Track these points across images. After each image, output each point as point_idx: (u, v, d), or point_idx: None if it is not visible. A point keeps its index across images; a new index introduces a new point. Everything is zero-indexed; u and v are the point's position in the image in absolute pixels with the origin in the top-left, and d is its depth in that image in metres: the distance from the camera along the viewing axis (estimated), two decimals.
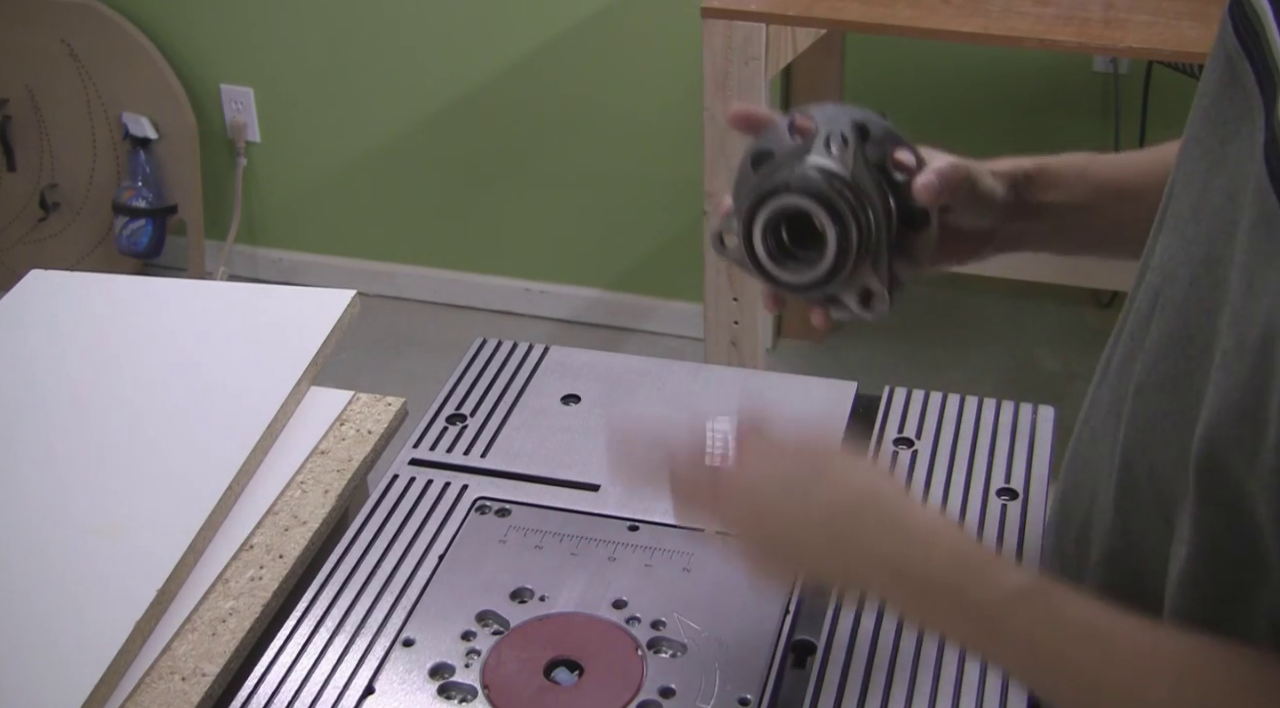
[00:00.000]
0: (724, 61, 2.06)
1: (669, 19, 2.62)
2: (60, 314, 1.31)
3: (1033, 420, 1.12)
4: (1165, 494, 0.69)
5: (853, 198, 0.80)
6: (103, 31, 2.89)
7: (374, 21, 2.81)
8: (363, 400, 1.22)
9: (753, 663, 0.90)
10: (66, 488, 1.10)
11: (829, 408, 1.13)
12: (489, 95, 2.82)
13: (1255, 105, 0.64)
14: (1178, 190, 0.73)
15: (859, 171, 0.80)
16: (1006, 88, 2.81)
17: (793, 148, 0.83)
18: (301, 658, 0.93)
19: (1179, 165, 0.74)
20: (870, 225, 0.80)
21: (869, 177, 0.81)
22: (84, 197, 3.04)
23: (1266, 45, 0.63)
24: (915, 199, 0.83)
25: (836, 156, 0.80)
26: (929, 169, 0.83)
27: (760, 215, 0.81)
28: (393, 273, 3.06)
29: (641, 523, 1.02)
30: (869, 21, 2.01)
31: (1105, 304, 2.86)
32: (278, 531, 1.08)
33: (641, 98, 2.75)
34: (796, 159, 0.81)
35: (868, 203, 0.80)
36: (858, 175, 0.80)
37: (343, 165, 2.99)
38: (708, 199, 2.19)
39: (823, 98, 2.72)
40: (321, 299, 1.30)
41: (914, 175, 0.84)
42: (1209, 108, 0.70)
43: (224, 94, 2.98)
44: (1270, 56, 0.63)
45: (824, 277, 0.81)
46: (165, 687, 0.95)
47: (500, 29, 2.75)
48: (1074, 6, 2.00)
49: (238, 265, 3.12)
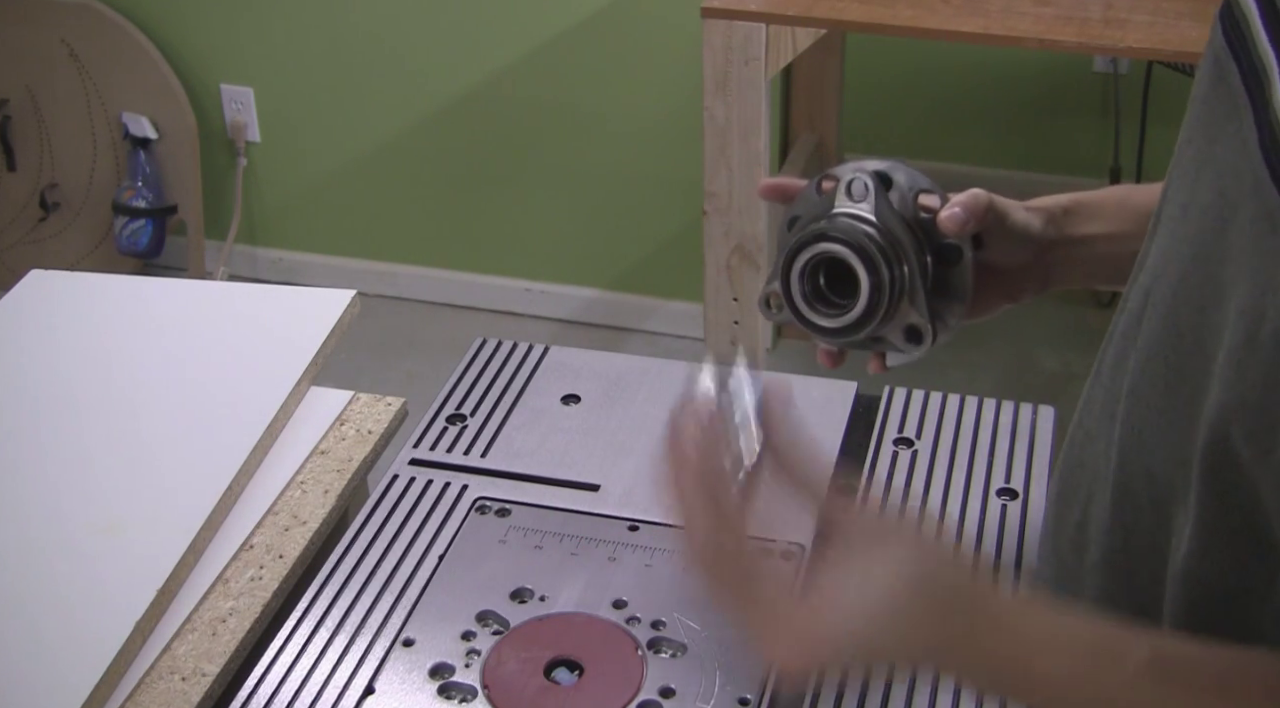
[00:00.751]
0: (724, 61, 2.06)
1: (669, 19, 2.62)
2: (60, 314, 1.31)
3: (1033, 420, 1.12)
4: (1162, 493, 0.69)
5: (879, 237, 0.83)
6: (103, 31, 2.89)
7: (374, 22, 2.81)
8: (363, 400, 1.22)
9: (753, 663, 0.90)
10: (66, 488, 1.10)
11: (829, 408, 1.14)
12: (489, 95, 2.82)
13: (1242, 104, 0.64)
14: (1170, 191, 0.73)
15: (883, 213, 0.83)
16: (1006, 88, 2.81)
17: (819, 203, 0.86)
18: (301, 658, 0.93)
19: (1173, 166, 0.74)
20: (901, 263, 0.83)
21: (894, 217, 0.84)
22: (84, 197, 3.04)
23: (1252, 44, 0.64)
24: (943, 234, 0.85)
25: (859, 202, 0.84)
26: (951, 202, 0.85)
27: (794, 269, 0.84)
28: (393, 273, 3.06)
29: (641, 523, 1.02)
30: (869, 21, 2.01)
31: (1105, 304, 2.86)
32: (278, 530, 1.08)
33: (641, 98, 2.75)
34: (823, 212, 0.85)
35: (894, 242, 0.83)
36: (882, 216, 0.83)
37: (343, 165, 2.99)
38: (708, 199, 2.19)
39: (823, 98, 2.72)
40: (321, 299, 1.30)
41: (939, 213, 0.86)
42: (1199, 109, 0.70)
43: (224, 94, 2.97)
44: (1256, 54, 0.63)
45: (862, 316, 0.83)
46: (165, 687, 0.95)
47: (500, 29, 2.75)
48: (1074, 6, 2.00)
49: (238, 265, 3.12)
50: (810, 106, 2.72)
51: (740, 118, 2.10)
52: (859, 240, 0.82)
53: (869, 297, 0.83)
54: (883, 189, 0.84)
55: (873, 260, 0.82)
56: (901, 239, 0.84)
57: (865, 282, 0.82)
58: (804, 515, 0.68)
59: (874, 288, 0.82)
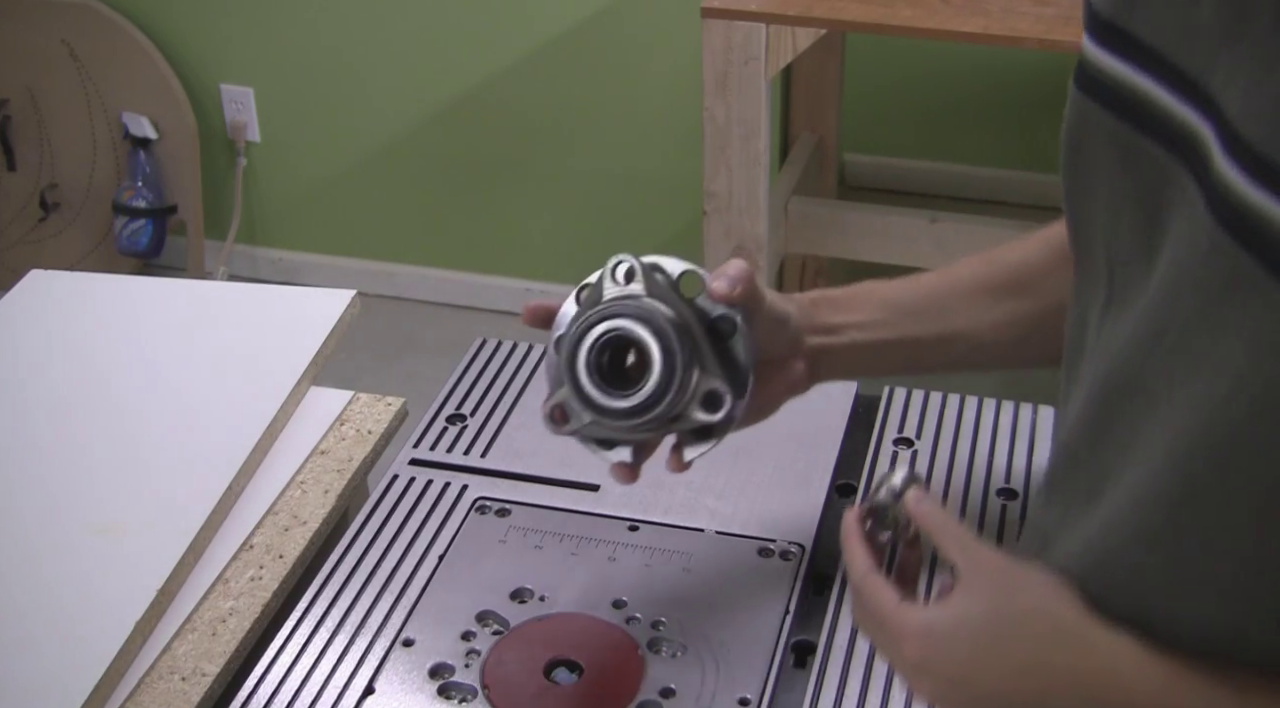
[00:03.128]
0: (724, 61, 2.06)
1: (669, 19, 2.62)
2: (60, 314, 1.31)
3: (1033, 420, 1.12)
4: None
5: (660, 308, 0.82)
6: (103, 31, 2.89)
7: (374, 22, 2.81)
8: (363, 400, 1.22)
9: (753, 663, 0.90)
10: (66, 488, 1.10)
11: (829, 408, 1.14)
12: (489, 95, 2.82)
13: (1175, 174, 0.64)
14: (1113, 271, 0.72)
15: (655, 290, 0.83)
16: (1006, 88, 2.81)
17: (588, 302, 0.85)
18: (301, 658, 0.93)
19: (1082, 248, 0.75)
20: (686, 332, 0.82)
21: (667, 292, 0.83)
22: (84, 197, 3.04)
23: (1167, 117, 0.65)
24: (714, 303, 0.84)
25: (628, 284, 0.83)
26: (715, 273, 0.85)
27: (581, 358, 0.82)
28: (393, 273, 3.06)
29: (641, 523, 1.02)
30: (869, 21, 2.01)
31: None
32: (278, 530, 1.08)
33: (641, 98, 2.75)
34: (595, 302, 0.84)
35: (676, 312, 0.82)
36: (655, 293, 0.83)
37: (343, 165, 2.99)
38: (708, 199, 2.18)
39: (823, 98, 2.72)
40: (321, 299, 1.30)
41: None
42: (1111, 194, 0.71)
43: (224, 94, 2.97)
44: (1175, 126, 0.64)
45: (658, 387, 0.81)
46: (165, 687, 0.95)
47: (500, 29, 2.75)
48: (1074, 6, 2.00)
49: (238, 265, 3.12)
50: (810, 106, 2.72)
51: (740, 118, 2.10)
52: (641, 313, 0.81)
53: (662, 364, 0.80)
54: (648, 271, 0.84)
55: (660, 329, 0.81)
56: (678, 305, 0.83)
57: (655, 348, 0.81)
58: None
59: (665, 352, 0.80)
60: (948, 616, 0.72)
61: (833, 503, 1.04)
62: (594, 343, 0.82)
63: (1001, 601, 0.72)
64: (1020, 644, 0.70)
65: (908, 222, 2.38)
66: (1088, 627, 0.69)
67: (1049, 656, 0.69)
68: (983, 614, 0.71)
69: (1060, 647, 0.69)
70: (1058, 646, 0.69)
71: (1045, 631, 0.70)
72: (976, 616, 0.71)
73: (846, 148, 2.88)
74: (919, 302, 0.95)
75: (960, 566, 0.73)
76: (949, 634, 0.72)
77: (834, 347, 0.93)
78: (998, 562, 0.73)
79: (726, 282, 0.84)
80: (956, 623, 0.72)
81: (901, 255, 2.38)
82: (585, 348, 0.82)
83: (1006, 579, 0.72)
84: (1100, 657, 0.68)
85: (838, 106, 2.71)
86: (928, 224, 2.35)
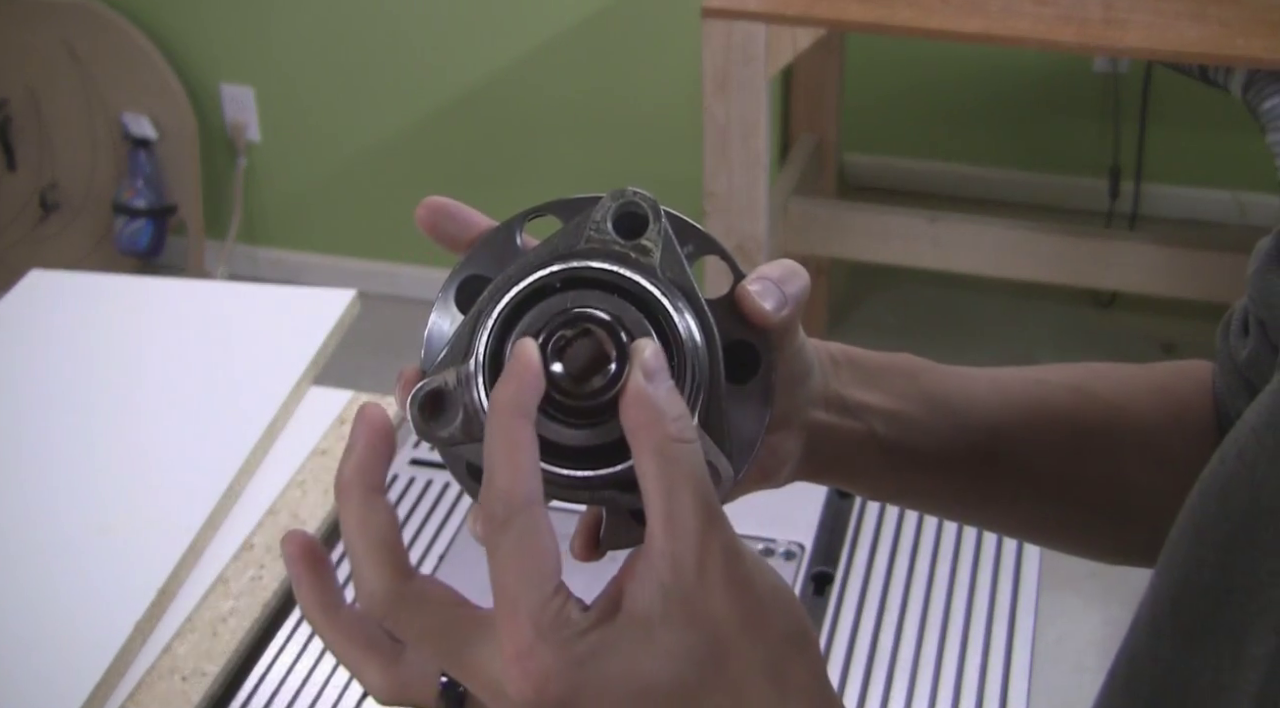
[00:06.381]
0: (724, 61, 2.06)
1: (669, 19, 2.63)
2: (60, 314, 1.31)
3: None
4: None
5: (678, 300, 0.51)
6: (103, 31, 2.89)
7: (374, 21, 2.81)
8: (363, 400, 1.22)
9: None
10: (66, 488, 1.10)
11: None
12: (489, 94, 2.82)
13: None
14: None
15: (672, 266, 0.52)
16: (1006, 88, 2.81)
17: (547, 247, 0.53)
18: (301, 658, 0.93)
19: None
20: (709, 356, 0.51)
21: (686, 279, 0.52)
22: (84, 197, 3.04)
23: None
24: (737, 315, 0.53)
25: (626, 242, 0.52)
26: (756, 273, 0.54)
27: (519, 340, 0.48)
28: (393, 273, 3.06)
29: None
30: (869, 21, 2.01)
31: (1105, 304, 2.86)
32: (278, 530, 1.08)
33: (641, 98, 2.75)
34: (558, 252, 0.52)
35: (694, 311, 0.51)
36: (670, 269, 0.52)
37: (343, 165, 2.99)
38: (708, 199, 2.19)
39: (823, 98, 2.72)
40: (321, 299, 1.30)
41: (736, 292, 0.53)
42: None
43: (224, 94, 2.98)
44: None
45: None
46: (165, 687, 0.95)
47: (501, 28, 2.75)
48: (1074, 6, 2.00)
49: (238, 265, 3.12)
50: (810, 106, 2.72)
51: (740, 118, 2.10)
52: (667, 303, 0.50)
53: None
54: (671, 230, 0.52)
55: (691, 348, 0.49)
56: (707, 321, 0.51)
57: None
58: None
59: (692, 384, 0.49)
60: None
61: (833, 503, 1.04)
62: (563, 322, 0.48)
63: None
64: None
65: (907, 221, 2.38)
66: None
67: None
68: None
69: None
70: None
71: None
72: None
73: (846, 148, 2.88)
74: (984, 409, 0.65)
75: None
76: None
77: (845, 433, 0.62)
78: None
79: (774, 296, 0.52)
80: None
81: (901, 255, 2.38)
82: (544, 324, 0.49)
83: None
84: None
85: (838, 106, 2.71)
86: (927, 224, 2.35)
